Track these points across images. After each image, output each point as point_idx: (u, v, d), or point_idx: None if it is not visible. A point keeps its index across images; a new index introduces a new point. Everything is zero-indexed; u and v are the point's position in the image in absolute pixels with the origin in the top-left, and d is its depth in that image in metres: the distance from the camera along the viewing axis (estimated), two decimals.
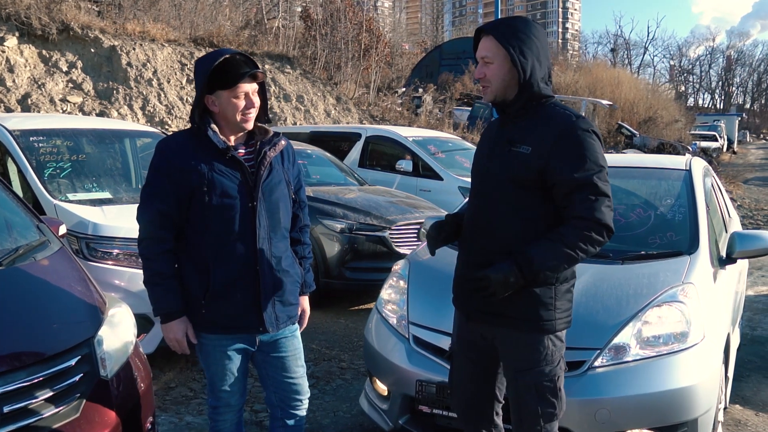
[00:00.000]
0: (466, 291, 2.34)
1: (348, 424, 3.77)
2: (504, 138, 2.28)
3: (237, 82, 2.28)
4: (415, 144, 8.98)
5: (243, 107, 2.31)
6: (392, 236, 6.22)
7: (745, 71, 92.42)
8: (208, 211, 2.32)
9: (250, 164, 2.38)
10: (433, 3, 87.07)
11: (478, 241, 2.32)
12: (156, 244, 2.34)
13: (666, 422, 2.70)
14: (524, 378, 2.25)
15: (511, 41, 2.18)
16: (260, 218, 2.36)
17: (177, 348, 2.39)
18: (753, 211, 14.51)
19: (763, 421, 3.91)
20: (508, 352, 2.30)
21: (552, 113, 2.22)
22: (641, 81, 44.81)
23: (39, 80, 12.00)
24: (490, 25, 2.30)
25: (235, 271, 2.35)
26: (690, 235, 3.45)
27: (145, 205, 2.36)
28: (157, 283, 2.34)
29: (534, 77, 2.19)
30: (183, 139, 2.38)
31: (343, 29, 20.71)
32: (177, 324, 2.36)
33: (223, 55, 2.30)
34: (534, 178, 2.18)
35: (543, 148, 2.16)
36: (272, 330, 2.43)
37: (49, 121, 5.59)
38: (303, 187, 2.61)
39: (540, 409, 2.25)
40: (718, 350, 2.97)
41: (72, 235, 4.19)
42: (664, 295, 2.94)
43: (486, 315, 2.30)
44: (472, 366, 2.43)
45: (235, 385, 2.50)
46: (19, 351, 2.24)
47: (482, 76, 2.26)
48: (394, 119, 19.17)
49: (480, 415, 2.48)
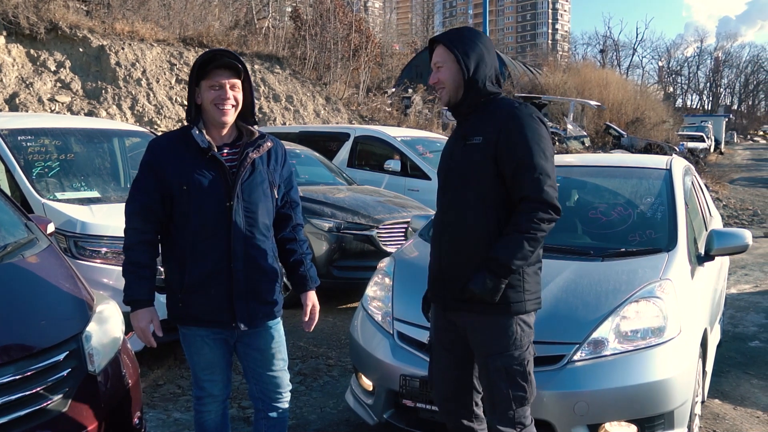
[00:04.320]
0: (439, 284, 2.49)
1: (334, 419, 3.82)
2: (459, 135, 2.46)
3: (212, 69, 2.38)
4: (403, 144, 9.05)
5: (216, 96, 2.39)
6: (380, 235, 6.28)
7: (732, 73, 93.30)
8: (186, 208, 2.41)
9: (232, 164, 2.45)
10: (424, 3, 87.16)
11: (448, 236, 2.45)
12: (136, 234, 2.43)
13: (643, 414, 2.76)
14: (494, 362, 2.36)
15: (456, 45, 2.40)
16: (236, 217, 2.42)
17: (141, 337, 2.45)
18: (738, 210, 14.68)
19: (740, 414, 3.99)
20: (479, 337, 2.41)
21: (499, 105, 2.40)
22: (629, 82, 45.11)
23: (27, 80, 11.97)
24: (441, 35, 2.50)
25: (209, 266, 2.42)
26: (669, 232, 3.52)
27: (131, 197, 2.46)
28: (131, 271, 2.42)
29: (478, 75, 2.38)
30: (172, 139, 2.49)
31: (333, 29, 20.75)
32: (142, 313, 2.42)
33: (213, 52, 2.43)
34: (490, 165, 2.33)
35: (492, 136, 2.33)
36: (244, 327, 2.48)
37: (38, 121, 5.59)
38: (295, 187, 2.67)
39: (511, 393, 2.35)
40: (694, 345, 3.04)
41: (60, 234, 4.22)
42: (642, 290, 3.01)
43: (461, 302, 2.40)
44: (449, 356, 2.55)
45: (216, 374, 2.56)
46: (7, 346, 2.27)
47: (436, 81, 2.46)
48: (383, 119, 19.23)
49: (459, 406, 2.57)
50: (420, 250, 3.72)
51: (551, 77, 32.91)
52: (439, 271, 2.50)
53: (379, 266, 3.70)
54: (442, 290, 2.49)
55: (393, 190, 8.07)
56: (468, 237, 2.38)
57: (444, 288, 2.47)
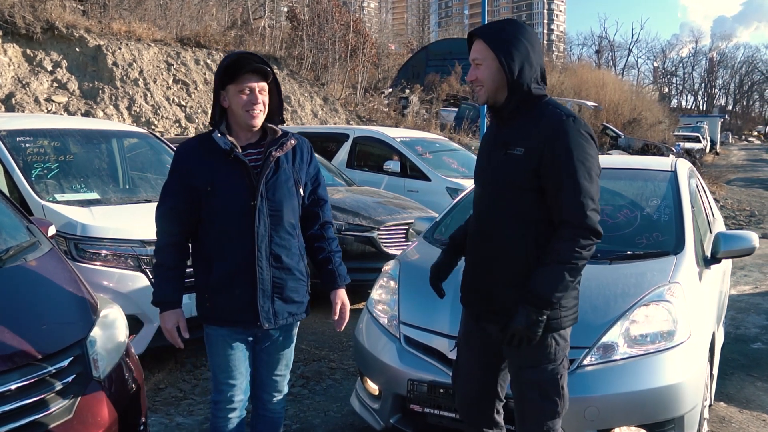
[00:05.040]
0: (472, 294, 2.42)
1: (339, 423, 3.79)
2: (500, 141, 2.30)
3: (241, 74, 2.38)
4: (402, 145, 9.01)
5: (246, 101, 2.40)
6: (381, 237, 6.25)
7: (727, 73, 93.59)
8: (212, 208, 2.44)
9: (255, 164, 2.46)
10: (420, 4, 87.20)
11: (484, 247, 2.35)
12: (164, 236, 2.49)
13: (654, 419, 2.74)
14: (528, 375, 2.29)
15: (497, 43, 2.22)
16: (260, 216, 2.43)
17: (169, 338, 2.49)
18: (735, 211, 14.70)
19: (746, 418, 3.98)
20: (513, 349, 2.30)
21: (544, 113, 2.23)
22: (625, 82, 45.19)
23: (23, 80, 11.89)
24: (481, 28, 2.34)
25: (234, 266, 2.44)
26: (676, 235, 3.50)
27: (161, 201, 2.52)
28: (158, 273, 2.50)
29: (523, 78, 2.21)
30: (196, 142, 2.54)
31: (330, 30, 20.70)
32: (169, 315, 2.47)
33: (238, 54, 2.43)
34: (530, 179, 2.20)
35: (535, 149, 2.18)
36: (268, 325, 2.49)
37: (36, 121, 5.54)
38: (322, 184, 2.67)
39: (542, 407, 2.28)
40: (703, 348, 3.02)
41: (60, 236, 4.17)
42: (651, 294, 2.99)
43: (495, 315, 2.33)
44: (476, 361, 2.47)
45: (235, 378, 2.54)
46: (11, 352, 2.23)
47: (474, 78, 2.29)
48: (381, 120, 19.19)
49: (481, 412, 2.51)
50: (425, 252, 3.69)
51: (548, 77, 32.88)
52: (473, 281, 2.41)
53: (384, 269, 3.67)
54: (475, 300, 2.42)
55: (392, 191, 8.03)
56: (504, 252, 2.27)
57: (477, 298, 2.40)
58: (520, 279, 2.24)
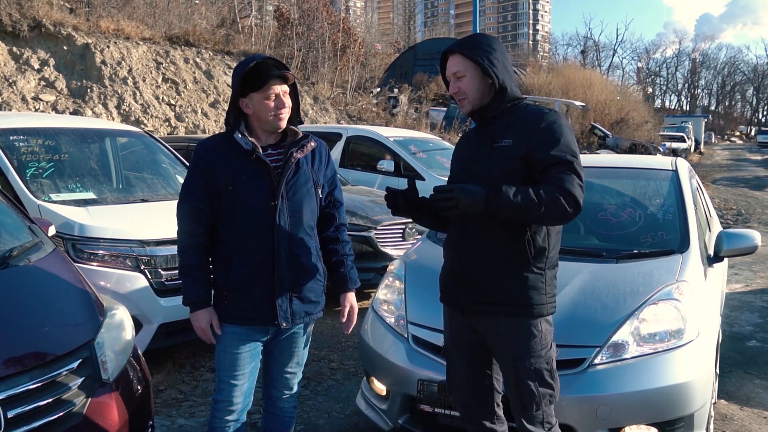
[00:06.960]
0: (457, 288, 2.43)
1: (343, 424, 3.76)
2: (485, 138, 2.39)
3: (267, 83, 2.39)
4: (396, 144, 9.00)
5: (274, 107, 2.42)
6: (377, 236, 6.22)
7: (710, 74, 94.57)
8: (232, 207, 2.43)
9: (276, 164, 2.46)
10: (406, 4, 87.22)
11: (472, 240, 2.37)
12: (188, 237, 2.47)
13: (664, 417, 2.74)
14: (523, 363, 2.31)
15: (478, 54, 2.34)
16: (281, 216, 2.43)
17: (203, 336, 2.49)
18: (723, 210, 14.82)
19: (747, 415, 4.00)
20: (503, 340, 2.36)
21: (527, 111, 2.36)
22: (611, 82, 45.50)
23: (10, 78, 11.74)
24: (455, 44, 2.45)
25: (253, 265, 2.43)
26: (681, 234, 3.51)
27: (182, 200, 2.50)
28: (186, 274, 2.47)
29: (505, 81, 2.35)
30: (216, 141, 2.52)
31: (319, 29, 20.64)
32: (202, 313, 2.46)
33: (255, 60, 2.42)
34: (520, 167, 2.27)
35: (523, 138, 2.27)
36: (286, 324, 2.49)
37: (30, 120, 5.46)
38: (338, 186, 2.69)
39: (541, 392, 2.31)
40: (711, 346, 3.03)
41: (57, 236, 4.10)
42: (660, 293, 2.99)
43: (480, 305, 2.36)
44: (467, 360, 2.50)
45: (239, 379, 2.51)
46: (20, 355, 2.19)
47: (457, 90, 2.40)
48: (371, 119, 19.16)
49: (481, 409, 2.52)
50: (429, 252, 3.68)
51: (536, 77, 33.09)
52: (458, 275, 2.44)
53: (389, 269, 3.65)
54: (461, 294, 2.43)
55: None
56: (494, 241, 2.32)
57: (463, 291, 2.42)
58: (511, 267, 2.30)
